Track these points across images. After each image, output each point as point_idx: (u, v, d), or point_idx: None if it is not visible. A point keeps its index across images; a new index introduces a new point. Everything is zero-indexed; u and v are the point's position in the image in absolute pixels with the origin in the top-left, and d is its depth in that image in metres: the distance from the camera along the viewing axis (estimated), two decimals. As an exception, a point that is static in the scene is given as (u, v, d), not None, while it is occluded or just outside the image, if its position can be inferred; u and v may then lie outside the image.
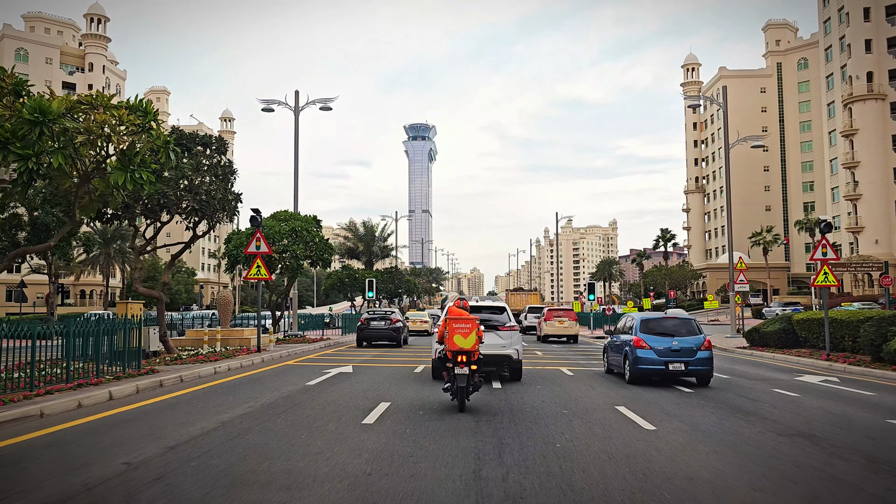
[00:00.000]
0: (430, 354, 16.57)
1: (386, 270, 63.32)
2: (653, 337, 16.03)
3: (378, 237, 58.46)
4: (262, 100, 36.60)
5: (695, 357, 15.64)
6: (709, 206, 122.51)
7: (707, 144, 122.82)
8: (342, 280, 54.30)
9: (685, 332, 16.31)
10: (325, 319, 45.33)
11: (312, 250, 29.73)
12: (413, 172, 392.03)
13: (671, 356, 15.66)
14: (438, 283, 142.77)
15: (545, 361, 22.81)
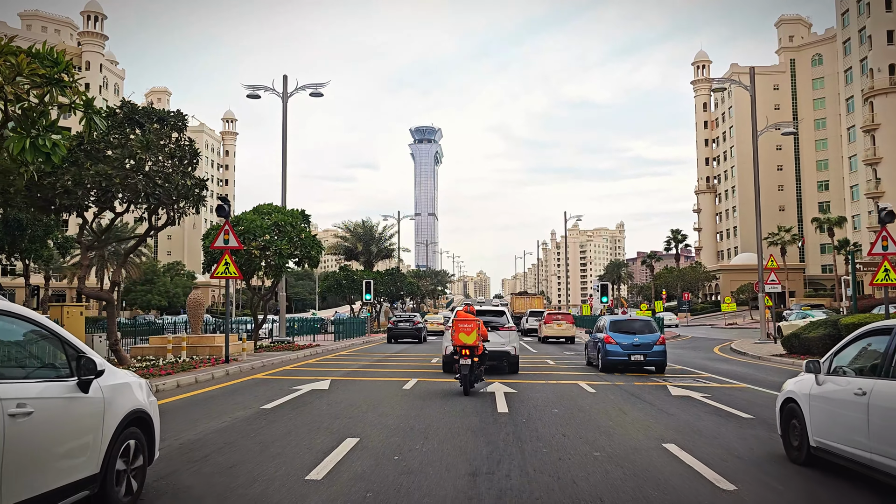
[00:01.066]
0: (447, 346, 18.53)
1: (387, 272, 60.15)
2: (619, 335, 20.02)
3: (378, 237, 55.31)
4: (248, 85, 33.47)
5: (651, 350, 19.68)
6: (720, 206, 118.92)
7: (718, 143, 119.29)
8: (339, 282, 51.15)
9: (645, 331, 20.28)
10: (317, 324, 42.17)
11: (298, 247, 26.54)
12: (419, 175, 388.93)
13: (633, 350, 19.62)
14: (443, 286, 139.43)
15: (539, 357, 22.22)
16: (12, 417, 4.38)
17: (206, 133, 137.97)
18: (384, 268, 68.08)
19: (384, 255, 56.73)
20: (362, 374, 18.52)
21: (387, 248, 57.14)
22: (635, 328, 20.45)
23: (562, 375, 18.59)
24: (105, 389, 5.55)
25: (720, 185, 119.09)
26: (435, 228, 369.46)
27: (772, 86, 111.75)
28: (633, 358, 19.61)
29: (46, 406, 4.82)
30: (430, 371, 20.13)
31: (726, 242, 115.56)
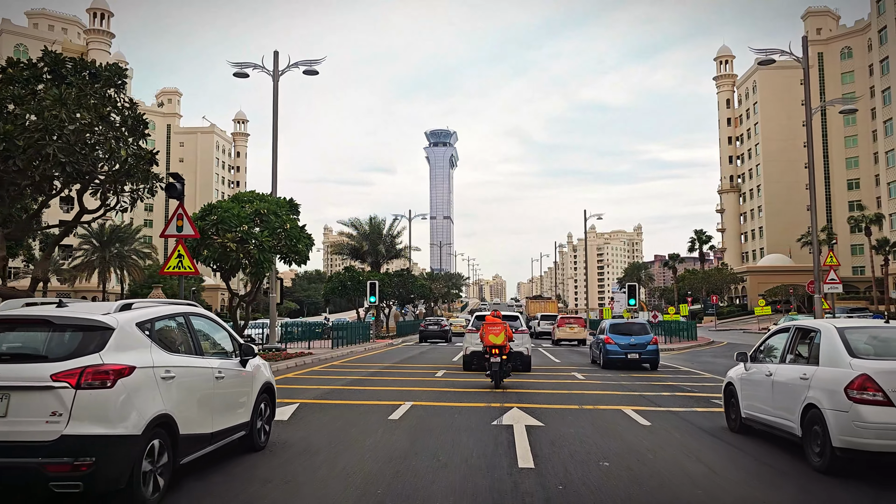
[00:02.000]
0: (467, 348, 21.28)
1: (396, 273, 56.17)
2: (617, 336, 22.48)
3: (385, 235, 51.32)
4: (235, 63, 29.71)
5: (646, 349, 22.14)
6: (744, 206, 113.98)
7: (742, 141, 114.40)
8: (343, 283, 47.29)
9: (640, 332, 22.77)
10: (319, 328, 38.35)
11: (282, 239, 22.65)
12: (434, 178, 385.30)
13: (629, 349, 22.03)
14: (458, 289, 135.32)
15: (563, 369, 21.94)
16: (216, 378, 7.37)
17: (216, 134, 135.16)
18: (395, 269, 64.09)
19: (393, 255, 52.73)
20: (345, 396, 14.57)
21: (396, 248, 53.14)
22: (632, 330, 23.14)
23: (599, 398, 14.76)
24: (252, 367, 8.47)
25: (744, 185, 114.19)
26: (450, 232, 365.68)
27: (798, 80, 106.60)
28: (629, 356, 22.15)
29: (228, 374, 7.70)
30: (436, 387, 16.27)
31: (751, 244, 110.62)
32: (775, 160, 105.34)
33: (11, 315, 6.35)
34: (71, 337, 5.95)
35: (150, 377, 6.11)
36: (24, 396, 5.50)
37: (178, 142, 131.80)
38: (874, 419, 7.18)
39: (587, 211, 69.16)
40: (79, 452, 5.38)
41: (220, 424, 7.39)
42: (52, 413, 5.44)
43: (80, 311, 6.33)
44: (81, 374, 5.57)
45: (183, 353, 6.97)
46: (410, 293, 57.87)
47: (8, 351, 5.92)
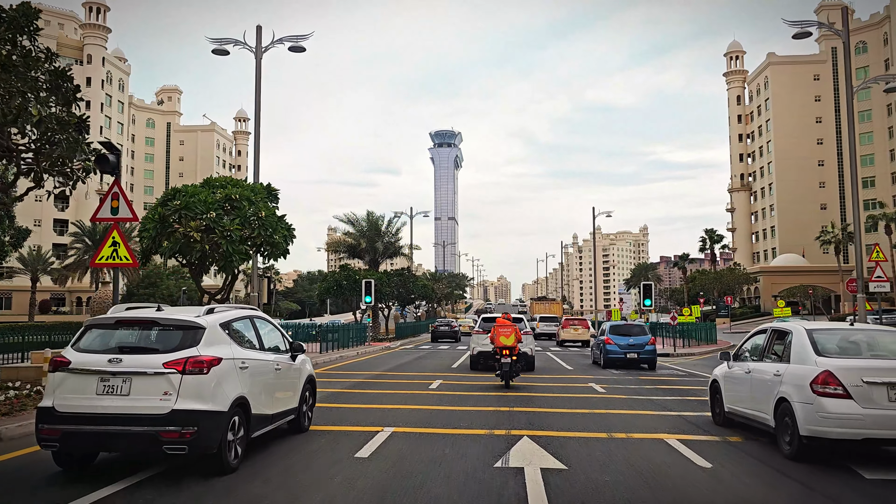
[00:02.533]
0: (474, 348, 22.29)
1: (396, 272, 53.19)
2: (617, 336, 23.97)
3: (384, 232, 48.36)
4: (214, 39, 26.79)
5: (644, 349, 23.45)
6: (756, 205, 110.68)
7: (753, 138, 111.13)
8: (339, 283, 44.38)
9: (639, 333, 24.23)
10: (312, 330, 35.51)
11: (255, 228, 19.70)
12: (439, 179, 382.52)
13: (628, 349, 23.43)
14: (462, 290, 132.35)
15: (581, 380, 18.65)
16: (276, 370, 8.88)
17: (217, 132, 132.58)
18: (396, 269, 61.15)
19: (392, 253, 49.73)
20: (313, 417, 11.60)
21: (395, 246, 50.17)
22: (631, 331, 24.04)
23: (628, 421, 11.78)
24: (299, 362, 9.98)
25: (755, 183, 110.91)
26: (455, 233, 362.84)
27: (812, 75, 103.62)
28: (628, 356, 22.97)
29: (283, 366, 9.19)
30: (427, 404, 13.36)
31: (763, 244, 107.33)
32: (788, 157, 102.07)
33: (129, 317, 7.81)
34: (174, 334, 7.49)
35: (231, 367, 7.64)
36: (142, 380, 7.04)
37: (178, 140, 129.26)
38: (835, 410, 7.96)
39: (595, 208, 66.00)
40: (185, 423, 6.89)
41: (277, 408, 8.97)
42: (164, 393, 7.00)
43: (177, 313, 7.91)
44: (185, 362, 7.12)
45: (251, 349, 8.47)
46: (411, 293, 54.88)
47: (128, 345, 7.44)
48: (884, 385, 7.97)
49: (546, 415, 12.21)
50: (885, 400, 7.95)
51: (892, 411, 7.91)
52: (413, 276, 54.85)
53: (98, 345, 7.41)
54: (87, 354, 7.25)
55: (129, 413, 6.91)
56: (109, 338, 7.50)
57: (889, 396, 7.96)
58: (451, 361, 26.77)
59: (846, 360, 8.43)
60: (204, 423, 6.99)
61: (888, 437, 7.99)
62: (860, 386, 8.01)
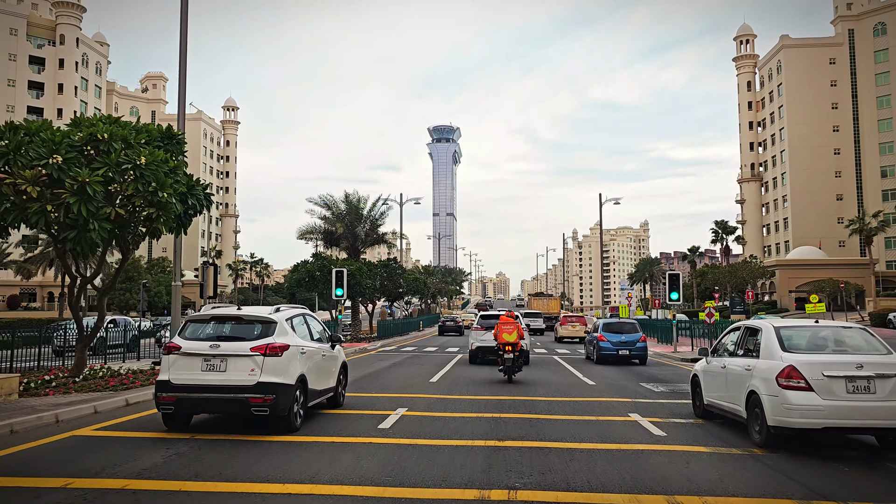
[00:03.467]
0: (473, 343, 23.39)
1: (381, 264, 46.64)
2: (610, 334, 24.38)
3: (365, 217, 41.79)
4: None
5: (635, 346, 23.86)
6: (767, 196, 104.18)
7: (765, 126, 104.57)
8: (311, 274, 37.86)
9: (631, 330, 24.64)
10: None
11: (137, 183, 13.17)
12: (437, 175, 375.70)
13: (620, 346, 23.81)
14: (458, 285, 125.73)
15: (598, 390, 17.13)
16: (322, 356, 11.29)
17: (204, 121, 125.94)
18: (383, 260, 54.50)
19: (375, 240, 43.07)
20: None
21: (378, 233, 43.59)
22: (623, 329, 24.78)
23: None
24: (337, 350, 12.52)
25: (767, 173, 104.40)
26: (453, 229, 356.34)
27: (827, 59, 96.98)
28: (620, 352, 23.70)
29: (326, 353, 11.66)
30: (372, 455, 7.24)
31: (775, 236, 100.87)
32: (802, 146, 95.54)
33: (221, 314, 10.72)
34: (255, 327, 10.20)
35: (295, 352, 10.25)
36: (235, 360, 9.67)
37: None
38: (798, 402, 8.63)
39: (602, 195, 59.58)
40: (266, 392, 9.46)
41: (323, 385, 11.51)
42: (251, 369, 9.60)
43: (255, 311, 10.73)
44: (266, 348, 9.75)
45: (306, 339, 11.06)
46: (399, 287, 48.33)
47: (224, 334, 10.16)
48: (842, 378, 8.56)
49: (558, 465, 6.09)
50: (843, 392, 8.53)
51: (849, 402, 8.50)
52: (400, 268, 48.33)
53: (199, 334, 10.15)
54: (192, 341, 9.95)
55: (226, 384, 9.56)
56: (206, 329, 10.30)
57: (847, 388, 8.54)
58: (436, 368, 20.92)
59: (808, 355, 9.01)
60: (279, 393, 9.57)
61: (845, 425, 8.57)
62: (821, 379, 8.57)
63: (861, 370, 8.57)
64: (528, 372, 19.37)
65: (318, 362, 11.14)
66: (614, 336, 24.06)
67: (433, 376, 18.59)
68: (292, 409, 9.82)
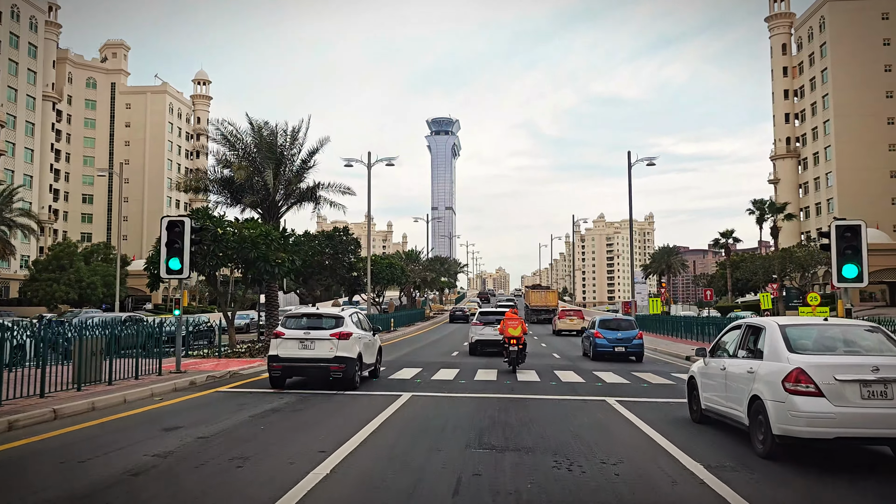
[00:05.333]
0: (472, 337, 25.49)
1: (326, 235, 31.02)
2: (606, 330, 24.13)
3: (287, 154, 25.94)
4: None
5: (632, 343, 23.61)
6: (806, 174, 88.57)
7: (803, 94, 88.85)
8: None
9: (628, 327, 24.37)
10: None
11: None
12: (436, 168, 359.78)
13: (617, 342, 23.59)
14: (453, 277, 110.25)
15: None
16: (368, 341, 16.05)
17: (170, 95, 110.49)
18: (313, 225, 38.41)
19: (302, 195, 27.13)
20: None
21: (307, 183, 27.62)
22: (620, 326, 24.61)
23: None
24: (376, 337, 17.42)
25: (805, 148, 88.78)
26: (452, 223, 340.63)
27: (879, 14, 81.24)
28: (616, 349, 23.46)
29: (371, 340, 16.41)
30: None
31: (815, 221, 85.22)
32: (849, 115, 79.92)
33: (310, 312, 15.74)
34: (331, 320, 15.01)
35: (356, 337, 14.68)
36: (320, 342, 14.27)
37: (124, 103, 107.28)
38: (807, 409, 7.48)
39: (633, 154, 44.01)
40: (340, 362, 14.14)
41: (369, 361, 16.02)
42: (330, 348, 14.23)
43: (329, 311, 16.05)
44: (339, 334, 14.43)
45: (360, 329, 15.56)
46: (351, 270, 32.76)
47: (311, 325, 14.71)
48: (856, 382, 7.51)
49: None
50: (857, 398, 7.49)
51: (864, 409, 7.46)
52: (353, 243, 32.60)
53: (294, 325, 14.88)
54: (291, 330, 14.66)
55: (315, 357, 14.33)
56: (300, 322, 14.99)
57: (862, 394, 7.50)
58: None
59: (818, 356, 7.94)
60: (348, 363, 14.30)
61: (860, 435, 7.52)
62: (832, 383, 7.52)
63: (877, 373, 7.48)
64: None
65: (366, 344, 15.67)
66: (610, 333, 23.93)
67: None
68: (355, 374, 14.51)
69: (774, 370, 7.95)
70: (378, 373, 17.15)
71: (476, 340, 24.65)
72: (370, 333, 16.54)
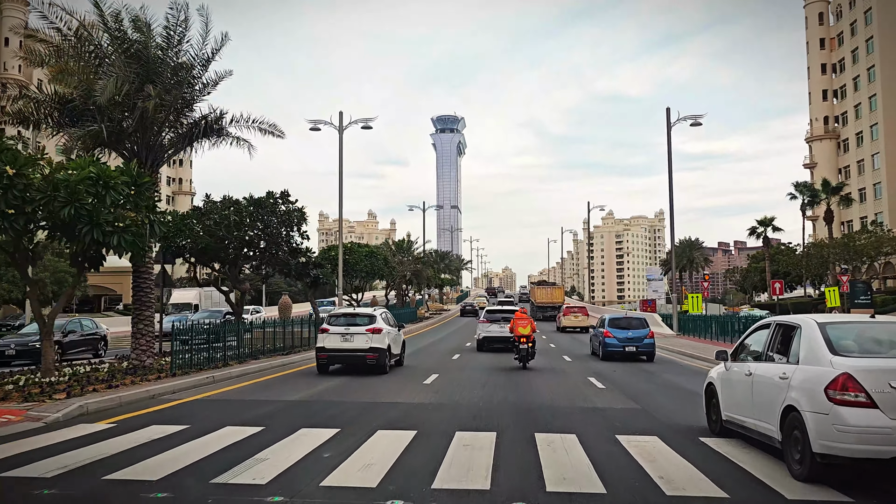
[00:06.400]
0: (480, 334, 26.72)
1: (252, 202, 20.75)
2: (616, 329, 23.05)
3: (169, 52, 16.17)
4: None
5: (643, 342, 22.53)
6: (847, 157, 78.29)
7: (843, 68, 78.56)
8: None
9: (638, 326, 23.35)
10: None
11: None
12: (441, 166, 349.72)
13: (627, 342, 22.51)
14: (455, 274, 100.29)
15: None
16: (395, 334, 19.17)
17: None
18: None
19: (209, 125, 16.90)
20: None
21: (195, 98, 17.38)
22: (630, 324, 23.52)
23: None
24: (401, 332, 21.12)
25: (846, 128, 78.50)
26: (457, 221, 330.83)
27: (933, -25, 70.93)
28: (627, 349, 22.38)
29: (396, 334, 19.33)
30: None
31: (858, 208, 74.80)
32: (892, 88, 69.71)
33: (348, 312, 19.04)
34: (365, 318, 17.89)
35: (385, 331, 17.60)
36: (358, 336, 17.19)
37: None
38: (855, 422, 6.18)
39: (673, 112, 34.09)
40: (373, 352, 17.08)
41: (396, 351, 18.78)
42: (365, 340, 17.10)
43: (363, 310, 19.99)
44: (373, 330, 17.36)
45: (388, 325, 18.34)
46: (297, 254, 22.77)
47: (350, 322, 17.61)
48: None
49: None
50: None
51: None
52: (296, 215, 22.58)
53: (336, 323, 17.58)
54: (334, 327, 17.44)
55: (354, 349, 17.03)
56: (340, 320, 17.78)
57: None
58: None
59: (869, 359, 6.51)
60: (380, 353, 17.07)
61: None
62: (888, 392, 6.13)
63: None
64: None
65: (393, 337, 18.53)
66: (621, 332, 22.99)
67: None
68: (386, 361, 17.42)
69: (814, 376, 6.58)
70: (402, 362, 19.77)
71: (483, 337, 26.12)
72: (395, 329, 19.40)
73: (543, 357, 22.63)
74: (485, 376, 16.70)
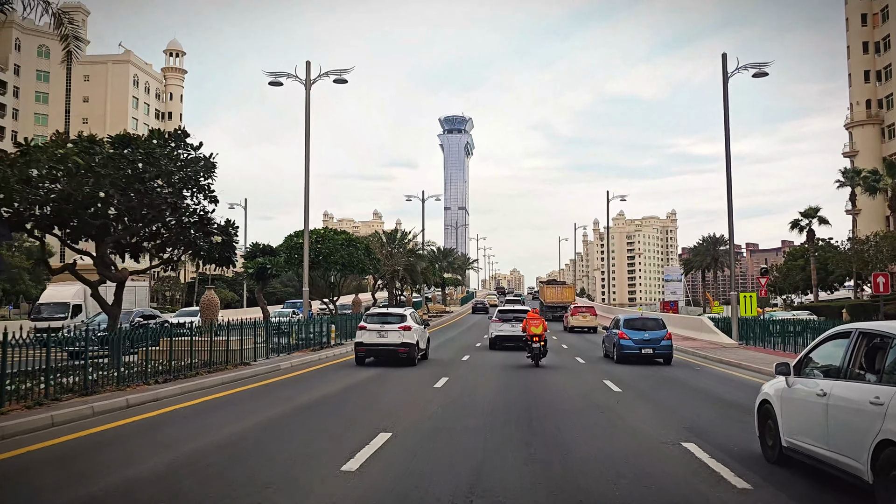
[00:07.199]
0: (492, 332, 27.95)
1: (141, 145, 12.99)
2: (631, 331, 22.02)
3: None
4: None
5: (660, 344, 21.61)
6: (892, 144, 70.05)
7: (888, 46, 70.32)
8: None
9: (654, 327, 22.24)
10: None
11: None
12: (449, 167, 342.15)
13: (644, 344, 21.54)
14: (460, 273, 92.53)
15: None
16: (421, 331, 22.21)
17: (134, 65, 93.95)
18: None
19: None
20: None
21: None
22: (647, 326, 22.46)
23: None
24: (426, 327, 24.85)
25: (891, 113, 70.23)
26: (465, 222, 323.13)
27: None
28: (643, 351, 21.42)
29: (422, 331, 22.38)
30: None
31: (907, 200, 66.31)
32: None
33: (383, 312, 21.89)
34: (397, 316, 20.65)
35: (414, 329, 20.34)
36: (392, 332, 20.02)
37: (82, 75, 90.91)
38: None
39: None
40: (405, 346, 19.79)
41: (422, 346, 21.34)
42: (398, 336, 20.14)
43: (396, 311, 21.92)
44: (403, 327, 19.94)
45: (416, 322, 21.21)
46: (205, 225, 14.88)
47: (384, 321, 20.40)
48: None
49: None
50: None
51: None
52: (204, 167, 14.72)
53: (372, 321, 20.24)
54: (371, 324, 20.26)
55: (388, 343, 19.63)
56: (375, 318, 20.38)
57: None
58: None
59: None
60: (410, 347, 19.62)
61: None
62: None
63: None
64: None
65: (420, 333, 20.89)
66: (636, 333, 21.86)
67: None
68: (415, 355, 19.92)
69: None
70: (428, 356, 22.43)
71: (496, 336, 27.23)
72: (422, 326, 22.53)
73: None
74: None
